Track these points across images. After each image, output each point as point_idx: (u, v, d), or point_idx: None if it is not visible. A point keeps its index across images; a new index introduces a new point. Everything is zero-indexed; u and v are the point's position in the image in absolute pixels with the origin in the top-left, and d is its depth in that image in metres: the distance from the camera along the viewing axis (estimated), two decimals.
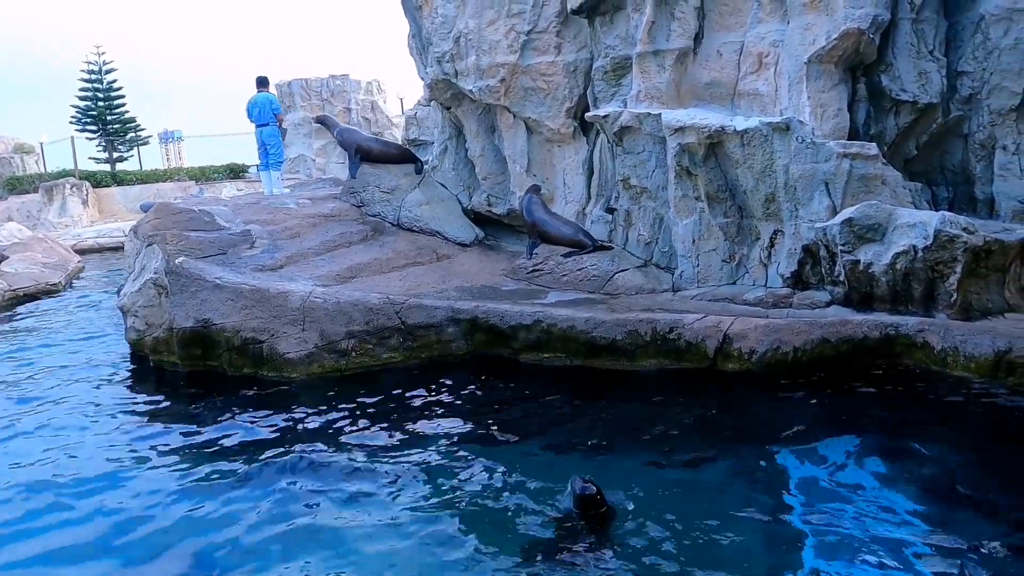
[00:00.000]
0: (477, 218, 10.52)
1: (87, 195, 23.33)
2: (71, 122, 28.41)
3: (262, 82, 12.97)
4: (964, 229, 6.47)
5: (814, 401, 6.09)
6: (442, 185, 10.78)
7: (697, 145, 7.81)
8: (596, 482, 4.33)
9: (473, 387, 6.82)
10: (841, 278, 7.07)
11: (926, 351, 6.23)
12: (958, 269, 6.45)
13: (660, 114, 8.14)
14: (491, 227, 10.52)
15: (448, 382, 6.90)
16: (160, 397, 7.09)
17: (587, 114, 9.11)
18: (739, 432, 5.65)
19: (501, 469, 5.13)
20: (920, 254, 6.54)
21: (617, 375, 6.86)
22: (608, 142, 9.13)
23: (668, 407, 6.16)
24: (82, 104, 28.35)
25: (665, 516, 4.35)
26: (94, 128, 28.40)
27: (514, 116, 9.74)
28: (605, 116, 8.75)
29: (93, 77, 28.33)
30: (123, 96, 28.81)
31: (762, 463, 5.06)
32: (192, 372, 7.51)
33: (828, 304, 7.15)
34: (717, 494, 4.70)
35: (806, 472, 4.94)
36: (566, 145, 9.68)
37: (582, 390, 6.66)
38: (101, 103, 28.36)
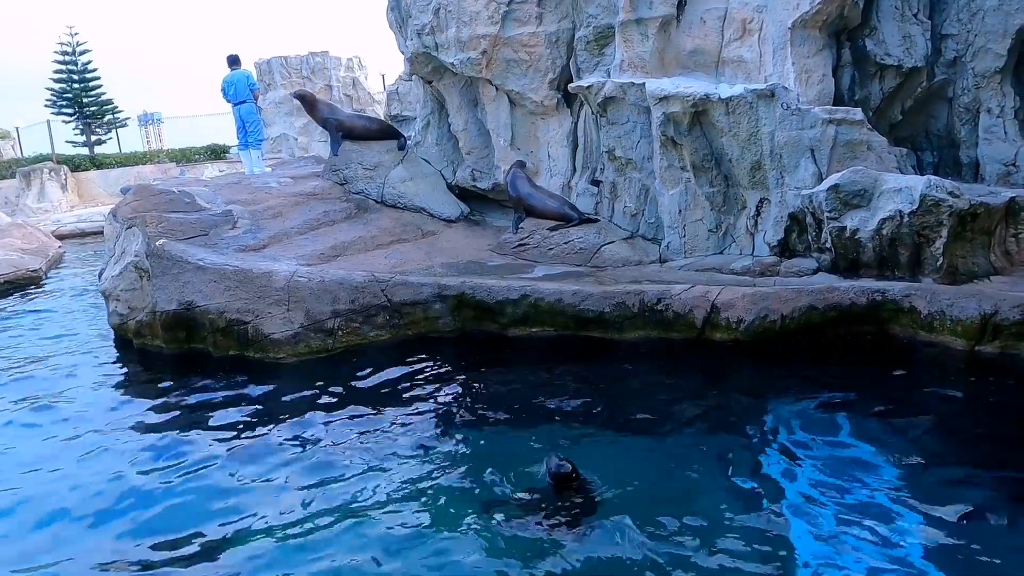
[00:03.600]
0: (462, 193, 10.43)
1: (66, 180, 22.94)
2: (46, 105, 27.93)
3: (234, 60, 12.73)
4: (950, 193, 6.45)
5: (802, 368, 6.11)
6: (426, 161, 10.66)
7: (682, 114, 7.74)
8: (573, 459, 4.35)
9: (461, 363, 6.80)
10: (828, 245, 7.06)
11: (913, 316, 6.24)
12: (944, 233, 6.45)
13: (644, 83, 8.05)
14: (476, 202, 10.43)
15: (436, 359, 6.87)
16: (146, 381, 7.02)
17: (570, 85, 9.00)
18: (727, 402, 5.67)
19: (485, 445, 5.13)
20: (906, 219, 6.52)
21: (606, 348, 6.85)
22: (592, 113, 9.04)
23: (656, 379, 6.17)
24: (57, 86, 27.82)
25: (647, 489, 4.37)
26: (70, 111, 27.90)
27: (497, 89, 9.61)
28: (588, 87, 8.64)
29: (67, 58, 27.79)
30: (99, 77, 28.32)
31: (750, 433, 5.07)
32: (177, 355, 7.43)
33: (815, 271, 7.15)
34: (702, 467, 4.70)
35: (794, 440, 4.96)
36: (550, 117, 9.57)
37: (570, 364, 6.64)
38: (76, 85, 27.84)
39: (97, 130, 28.41)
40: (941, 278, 6.50)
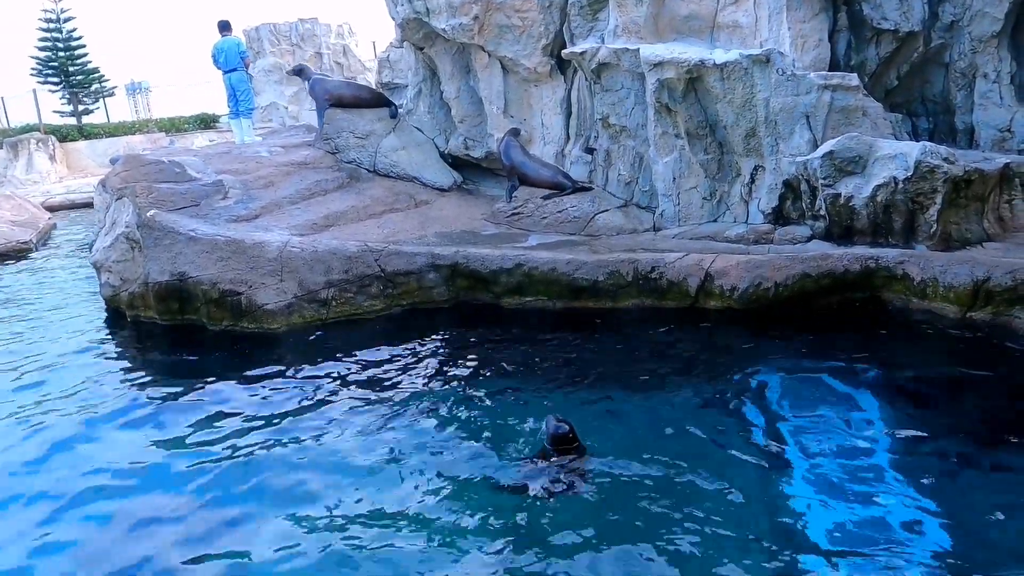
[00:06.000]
0: (455, 162, 10.35)
1: (54, 150, 22.64)
2: (32, 74, 27.45)
3: (225, 26, 12.48)
4: (944, 159, 6.44)
5: (795, 335, 6.13)
6: (418, 129, 10.55)
7: (676, 80, 7.66)
8: (570, 421, 4.39)
9: (455, 332, 6.81)
10: (822, 212, 7.05)
11: (906, 282, 6.26)
12: (938, 200, 6.44)
13: (638, 49, 7.95)
14: (469, 171, 10.36)
15: (430, 328, 6.88)
16: (140, 353, 7.01)
17: (564, 51, 8.89)
18: (721, 369, 5.68)
19: (480, 411, 5.16)
20: (901, 185, 6.51)
21: (600, 316, 6.86)
22: (586, 80, 8.94)
23: (651, 346, 6.19)
24: (42, 55, 27.34)
25: (642, 453, 4.39)
26: (56, 80, 27.45)
27: (489, 55, 9.48)
28: (582, 53, 8.54)
29: (52, 26, 27.27)
30: (84, 46, 27.82)
31: (743, 399, 5.10)
32: (171, 326, 7.40)
33: (809, 239, 7.15)
34: (696, 431, 4.72)
35: (786, 406, 4.99)
36: (543, 84, 9.47)
37: (564, 332, 6.66)
38: (62, 53, 27.36)
39: (84, 100, 27.96)
40: (935, 245, 6.51)
